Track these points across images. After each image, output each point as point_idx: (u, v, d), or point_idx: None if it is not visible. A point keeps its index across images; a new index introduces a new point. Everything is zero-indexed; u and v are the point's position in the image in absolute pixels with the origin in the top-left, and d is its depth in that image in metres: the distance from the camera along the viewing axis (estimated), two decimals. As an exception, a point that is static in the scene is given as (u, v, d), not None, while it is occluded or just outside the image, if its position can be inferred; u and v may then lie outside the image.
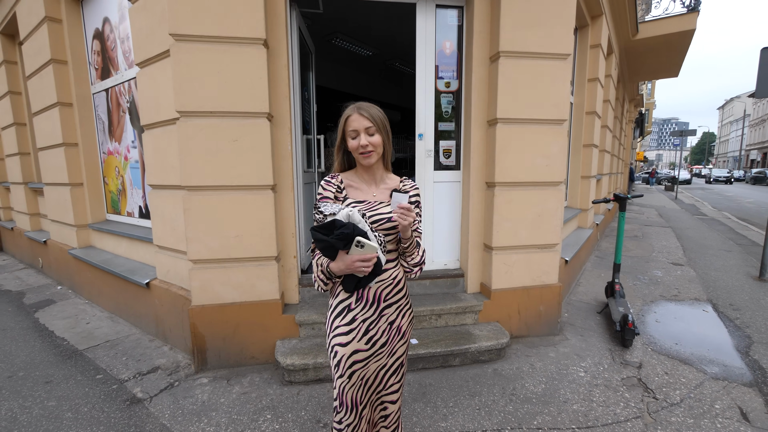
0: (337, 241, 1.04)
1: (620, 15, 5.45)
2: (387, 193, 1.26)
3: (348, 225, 1.05)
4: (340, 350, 1.21)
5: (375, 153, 1.20)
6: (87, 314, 3.49)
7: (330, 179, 1.25)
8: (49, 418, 2.04)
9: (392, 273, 1.24)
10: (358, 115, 1.18)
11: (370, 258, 1.07)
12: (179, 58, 2.15)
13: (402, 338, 1.31)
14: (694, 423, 1.89)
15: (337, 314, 1.23)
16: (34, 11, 3.68)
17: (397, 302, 1.27)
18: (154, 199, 2.72)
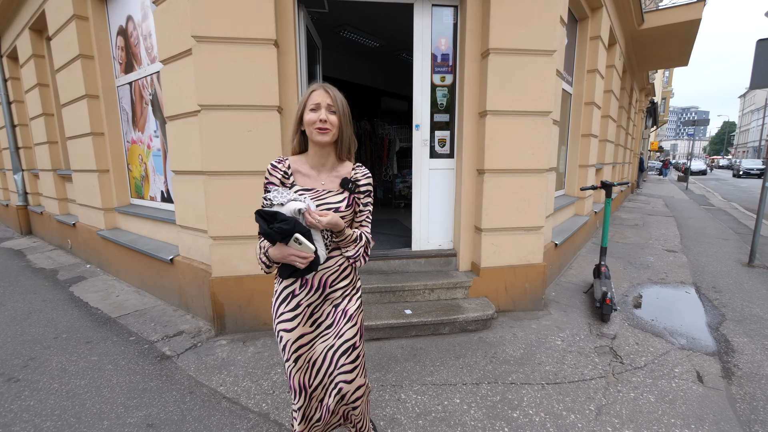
0: (274, 234, 1.04)
1: (624, 6, 5.50)
2: (337, 181, 1.23)
3: (289, 220, 1.05)
4: (285, 335, 1.22)
5: (330, 133, 1.17)
6: (116, 289, 3.85)
7: (276, 164, 1.21)
8: (93, 368, 2.39)
9: (338, 260, 1.24)
10: (323, 91, 1.17)
11: (305, 256, 1.09)
12: (200, 57, 2.41)
13: (349, 321, 1.28)
14: (652, 382, 2.14)
15: (281, 300, 1.24)
16: (63, 9, 3.97)
17: (343, 288, 1.28)
18: (176, 183, 3.03)
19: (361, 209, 1.28)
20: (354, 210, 1.26)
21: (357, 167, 1.29)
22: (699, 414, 1.90)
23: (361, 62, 7.46)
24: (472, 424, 1.82)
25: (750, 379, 2.19)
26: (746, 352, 2.48)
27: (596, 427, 1.80)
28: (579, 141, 4.98)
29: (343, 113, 1.19)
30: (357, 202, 1.27)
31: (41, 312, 3.28)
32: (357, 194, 1.26)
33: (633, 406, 1.96)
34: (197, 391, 2.13)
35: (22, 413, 1.96)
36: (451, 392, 2.06)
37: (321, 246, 1.15)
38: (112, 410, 1.98)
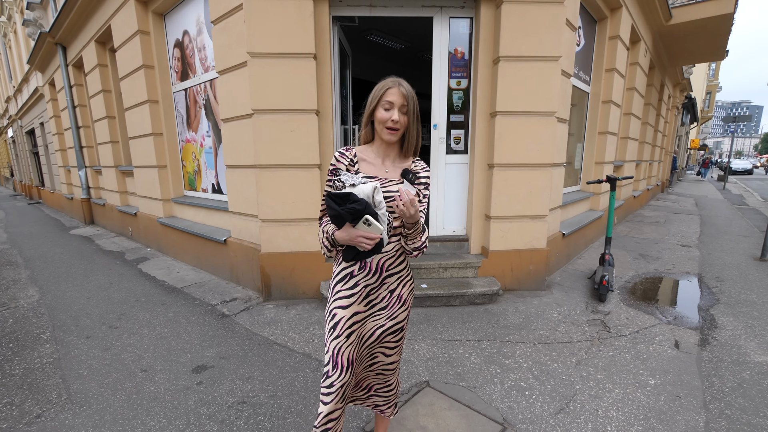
0: (347, 213, 1.06)
1: (648, 2, 5.57)
2: (398, 171, 1.28)
3: (361, 201, 1.07)
4: (340, 312, 1.25)
5: (398, 132, 1.22)
6: (175, 267, 4.50)
7: (344, 152, 1.26)
8: (171, 321, 2.98)
9: (396, 246, 1.27)
10: (398, 91, 1.19)
11: (373, 237, 1.10)
12: (254, 70, 2.94)
13: (403, 305, 1.34)
14: (631, 346, 2.49)
15: (339, 280, 1.28)
16: (128, 24, 4.62)
17: (399, 273, 1.31)
18: (229, 175, 3.59)
19: (420, 200, 1.28)
20: None
21: (416, 160, 1.33)
22: (666, 368, 2.25)
23: (385, 63, 7.86)
24: (471, 366, 2.26)
25: (722, 347, 2.50)
26: (728, 328, 2.76)
27: (573, 373, 2.19)
28: (596, 138, 5.18)
29: (414, 113, 1.22)
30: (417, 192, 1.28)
31: (119, 283, 3.96)
32: (416, 185, 1.28)
33: (609, 361, 2.33)
34: (254, 338, 2.67)
35: (126, 347, 2.58)
36: (457, 345, 2.50)
37: (385, 228, 1.15)
38: (191, 347, 2.56)
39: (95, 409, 1.95)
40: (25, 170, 15.06)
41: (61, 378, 2.23)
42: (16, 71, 12.35)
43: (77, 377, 2.24)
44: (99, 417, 1.90)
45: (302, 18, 2.86)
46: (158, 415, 1.90)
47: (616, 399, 1.98)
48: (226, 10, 3.10)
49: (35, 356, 2.49)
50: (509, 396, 2.00)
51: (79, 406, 1.98)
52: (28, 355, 2.51)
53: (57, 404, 2.00)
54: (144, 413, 1.91)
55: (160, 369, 2.30)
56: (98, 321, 3.01)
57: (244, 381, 2.16)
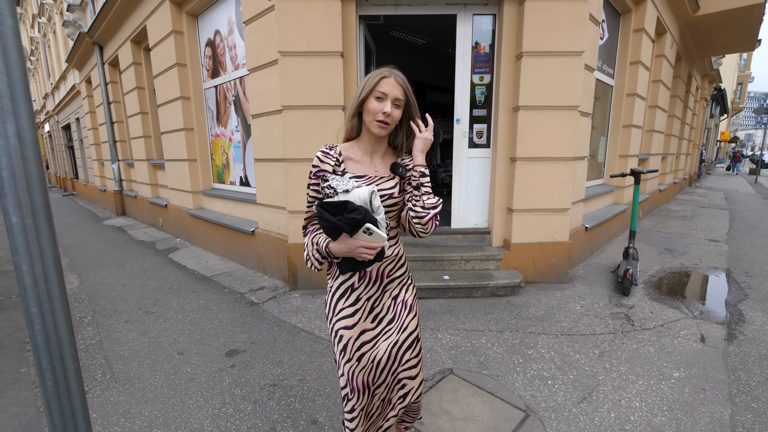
0: (345, 225, 0.96)
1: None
2: (387, 166, 1.19)
3: (360, 209, 0.96)
4: (346, 333, 1.16)
5: (389, 127, 1.11)
6: (204, 257, 4.72)
7: (328, 151, 1.13)
8: (203, 308, 3.16)
9: (395, 250, 1.21)
10: (394, 81, 1.08)
11: (375, 246, 1.02)
12: (284, 68, 3.05)
13: (410, 312, 1.25)
14: (656, 339, 2.49)
15: (340, 296, 1.18)
16: (162, 25, 4.83)
17: (399, 277, 1.24)
18: (258, 169, 3.74)
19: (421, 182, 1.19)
20: (403, 198, 1.20)
21: (405, 156, 1.24)
22: (690, 362, 2.25)
23: (408, 59, 7.87)
24: (493, 356, 2.33)
25: (750, 342, 2.47)
26: (756, 323, 2.73)
27: (596, 364, 2.23)
28: (620, 132, 5.10)
29: (410, 105, 1.13)
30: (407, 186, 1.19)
31: (152, 271, 4.19)
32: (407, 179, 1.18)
33: (633, 353, 2.35)
34: (282, 325, 2.82)
35: (162, 331, 2.75)
36: (479, 335, 2.57)
37: (385, 233, 1.04)
38: (223, 332, 2.72)
39: (137, 388, 2.08)
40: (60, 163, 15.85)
41: (104, 359, 2.40)
42: (54, 69, 12.99)
43: (119, 358, 2.40)
44: (141, 395, 2.02)
45: (331, 18, 2.95)
46: (195, 394, 2.02)
47: (640, 390, 2.01)
48: (258, 11, 3.22)
49: (79, 338, 2.67)
50: (532, 385, 2.06)
51: (122, 384, 2.12)
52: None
53: (102, 382, 2.15)
54: (182, 392, 2.04)
55: (195, 352, 2.45)
56: (135, 306, 3.21)
57: (274, 365, 2.29)
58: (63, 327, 0.78)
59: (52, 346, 0.77)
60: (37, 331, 0.75)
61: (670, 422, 1.78)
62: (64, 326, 0.78)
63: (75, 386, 0.81)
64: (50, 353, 0.77)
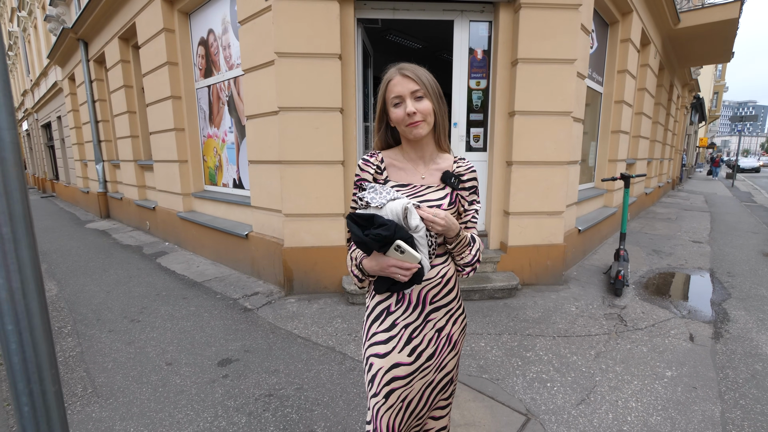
0: (372, 241, 0.88)
1: (657, 7, 5.63)
2: (437, 174, 1.05)
3: (389, 225, 0.87)
4: (377, 362, 1.02)
5: (425, 123, 0.98)
6: (195, 261, 4.61)
7: (368, 158, 1.06)
8: (193, 315, 3.08)
9: (441, 270, 1.04)
10: (401, 77, 0.98)
11: (408, 267, 0.90)
12: (280, 69, 3.02)
13: (453, 349, 1.10)
14: (648, 339, 2.56)
15: (374, 318, 1.06)
16: (153, 22, 4.73)
17: (447, 305, 1.07)
18: (253, 171, 3.69)
19: (466, 209, 1.08)
20: (458, 209, 1.07)
21: (459, 160, 1.10)
22: (681, 361, 2.33)
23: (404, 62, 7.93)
24: (492, 359, 2.35)
25: (736, 340, 2.57)
26: (740, 321, 2.83)
27: (593, 365, 2.28)
28: (609, 137, 5.25)
29: (433, 93, 1.00)
30: (461, 200, 1.07)
31: (139, 277, 4.07)
32: (461, 191, 1.06)
33: (627, 353, 2.41)
34: (277, 331, 2.77)
35: (150, 341, 2.66)
36: (478, 339, 2.59)
37: (425, 253, 0.94)
38: (215, 341, 2.65)
39: (122, 402, 1.96)
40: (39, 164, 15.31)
41: (85, 371, 2.25)
42: (35, 65, 12.55)
43: (102, 370, 2.26)
44: (126, 410, 1.91)
45: (329, 20, 2.94)
46: (185, 407, 1.91)
47: (635, 390, 2.06)
48: (254, 11, 3.19)
49: (58, 350, 2.50)
50: (531, 388, 2.08)
51: (105, 399, 1.99)
52: None
53: (83, 397, 2.01)
54: (171, 406, 1.92)
55: (185, 362, 2.34)
56: (120, 315, 3.07)
57: (269, 374, 2.22)
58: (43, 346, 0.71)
59: (30, 367, 0.69)
60: (13, 350, 0.68)
61: (665, 421, 1.82)
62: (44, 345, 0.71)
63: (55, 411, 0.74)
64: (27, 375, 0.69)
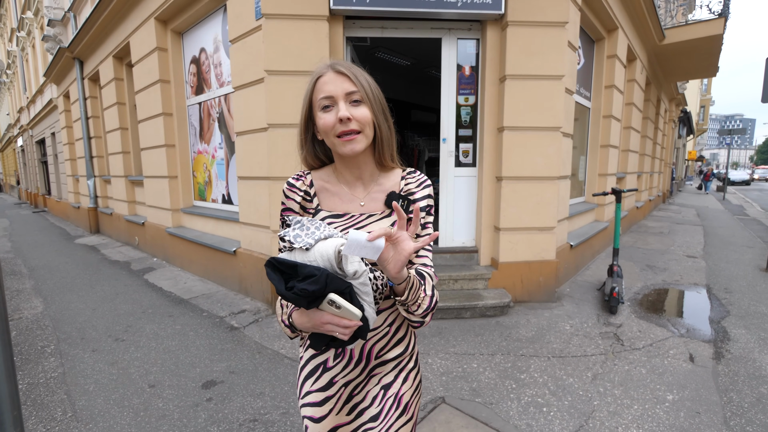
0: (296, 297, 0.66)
1: (642, 24, 5.77)
2: (380, 198, 0.85)
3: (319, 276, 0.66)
4: (312, 427, 0.86)
5: (362, 136, 0.78)
6: (183, 277, 4.51)
7: (294, 182, 0.85)
8: (179, 334, 2.98)
9: (389, 317, 0.86)
10: (334, 74, 0.77)
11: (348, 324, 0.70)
12: (270, 86, 3.02)
13: (404, 414, 0.89)
14: (646, 360, 2.48)
15: (308, 374, 0.88)
16: (147, 42, 4.77)
17: (396, 358, 0.89)
18: (242, 187, 3.64)
19: (418, 235, 0.84)
20: None
21: (408, 174, 0.88)
22: (683, 383, 2.24)
23: (392, 78, 8.03)
24: (486, 381, 2.25)
25: (737, 361, 2.49)
26: (741, 341, 2.76)
27: (590, 388, 2.18)
28: (598, 151, 5.28)
29: (374, 98, 0.79)
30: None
31: (125, 293, 3.96)
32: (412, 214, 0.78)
33: (625, 375, 2.32)
34: (263, 351, 2.67)
35: (133, 361, 2.56)
36: (470, 359, 2.49)
37: (369, 302, 0.74)
38: (200, 361, 2.55)
39: (102, 427, 1.90)
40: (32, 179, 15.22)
41: (66, 394, 2.18)
42: (31, 83, 12.63)
43: (83, 393, 2.19)
44: None
45: (318, 39, 2.96)
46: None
47: (636, 416, 1.97)
48: (244, 31, 3.21)
49: (39, 371, 2.44)
50: (527, 413, 1.99)
51: (84, 423, 1.92)
52: (32, 369, 2.47)
53: (62, 422, 1.94)
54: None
55: (168, 384, 2.27)
56: (104, 333, 2.98)
57: (255, 397, 2.13)
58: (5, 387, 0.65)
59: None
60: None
61: (668, 449, 1.74)
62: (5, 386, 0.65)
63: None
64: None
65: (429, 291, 0.80)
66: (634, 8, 5.21)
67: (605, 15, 4.47)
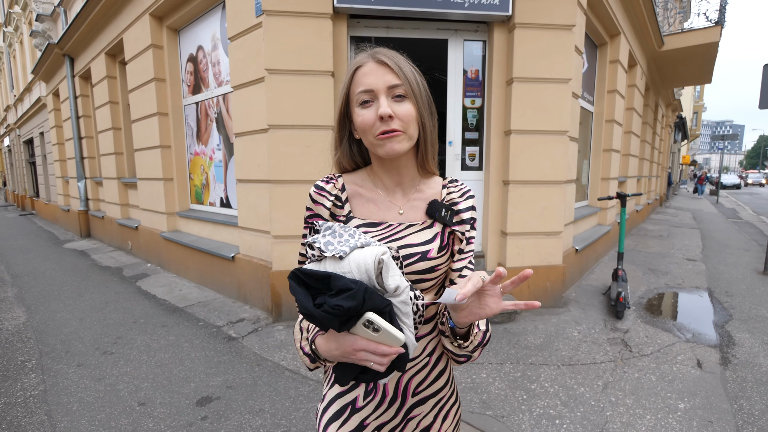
0: (328, 317, 0.54)
1: (643, 30, 5.80)
2: (422, 206, 0.76)
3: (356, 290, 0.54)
4: None
5: (404, 135, 0.68)
6: (178, 284, 4.38)
7: (324, 185, 0.76)
8: (172, 346, 2.86)
9: (429, 345, 0.75)
10: (375, 64, 0.68)
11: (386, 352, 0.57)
12: (271, 86, 2.93)
13: None
14: (655, 366, 2.44)
15: (333, 416, 0.74)
16: (141, 39, 4.64)
17: (436, 394, 0.77)
18: (241, 190, 3.54)
19: (462, 251, 0.76)
20: (451, 251, 0.75)
21: (450, 183, 0.79)
22: (693, 390, 2.21)
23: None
24: (496, 393, 2.19)
25: (744, 366, 2.47)
26: (746, 345, 2.75)
27: (602, 398, 2.14)
28: (600, 155, 5.28)
29: (420, 93, 0.70)
30: (456, 238, 0.75)
31: (116, 302, 3.82)
32: (456, 226, 0.75)
33: (636, 383, 2.28)
34: (263, 363, 2.57)
35: (123, 376, 2.42)
36: (479, 369, 2.43)
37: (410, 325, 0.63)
38: (195, 375, 2.43)
39: None
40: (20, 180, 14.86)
41: (46, 414, 2.02)
42: (19, 81, 12.32)
43: (65, 413, 2.03)
44: None
45: (321, 38, 2.88)
46: None
47: (649, 426, 1.92)
48: (244, 28, 3.12)
49: (18, 388, 2.28)
50: (539, 426, 1.93)
51: None
52: (10, 387, 2.31)
53: None
54: None
55: (160, 402, 2.14)
56: (91, 346, 2.83)
57: (254, 414, 2.03)
58: None
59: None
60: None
61: (686, 462, 1.69)
62: None
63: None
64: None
65: (483, 325, 0.70)
66: (636, 14, 5.23)
67: (608, 20, 4.46)
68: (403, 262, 0.67)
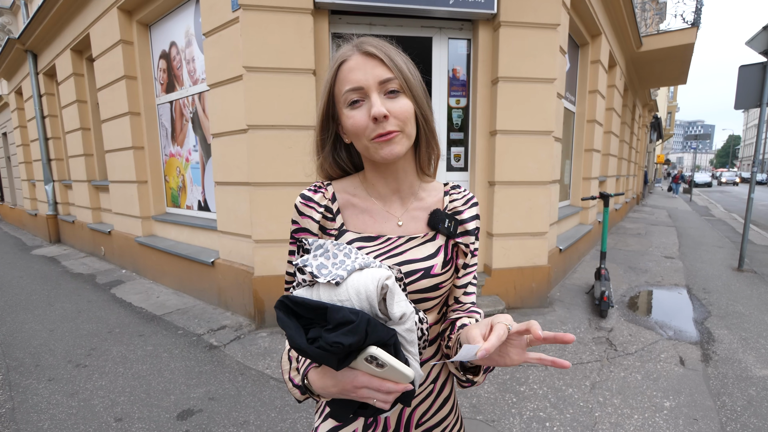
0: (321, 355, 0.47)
1: (622, 31, 5.92)
2: (422, 217, 0.68)
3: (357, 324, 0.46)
4: None
5: (402, 135, 0.60)
6: (155, 291, 4.19)
7: (311, 194, 0.67)
8: (150, 356, 2.72)
9: (431, 370, 0.69)
10: (362, 58, 0.60)
11: (392, 390, 0.50)
12: (249, 84, 2.81)
13: None
14: (640, 365, 2.47)
15: None
16: (109, 34, 4.41)
17: (440, 423, 0.71)
18: (219, 193, 3.40)
19: (467, 264, 0.70)
20: (455, 266, 0.69)
21: (453, 189, 0.72)
22: (677, 388, 2.24)
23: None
24: (485, 396, 2.16)
25: (725, 362, 2.53)
26: (725, 341, 2.82)
27: (590, 398, 2.14)
28: (582, 155, 5.35)
29: (415, 87, 0.62)
30: (461, 251, 0.70)
31: (89, 311, 3.62)
32: (460, 237, 0.69)
33: (622, 382, 2.29)
34: (247, 372, 2.46)
35: (97, 391, 2.29)
36: (469, 373, 2.39)
37: (414, 354, 0.56)
38: (175, 387, 2.31)
39: None
40: (-18, 184, 14.03)
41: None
42: (-23, 79, 11.62)
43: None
44: None
45: (302, 34, 2.78)
46: None
47: (637, 425, 1.93)
48: (220, 23, 2.98)
49: None
50: (530, 429, 1.91)
51: None
52: None
53: None
54: None
55: (137, 416, 2.03)
56: (63, 359, 2.67)
57: (238, 427, 1.94)
58: None
59: None
60: None
61: (674, 461, 1.69)
62: None
63: None
64: None
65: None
66: (616, 14, 5.32)
67: (590, 20, 4.52)
68: (405, 282, 0.59)
